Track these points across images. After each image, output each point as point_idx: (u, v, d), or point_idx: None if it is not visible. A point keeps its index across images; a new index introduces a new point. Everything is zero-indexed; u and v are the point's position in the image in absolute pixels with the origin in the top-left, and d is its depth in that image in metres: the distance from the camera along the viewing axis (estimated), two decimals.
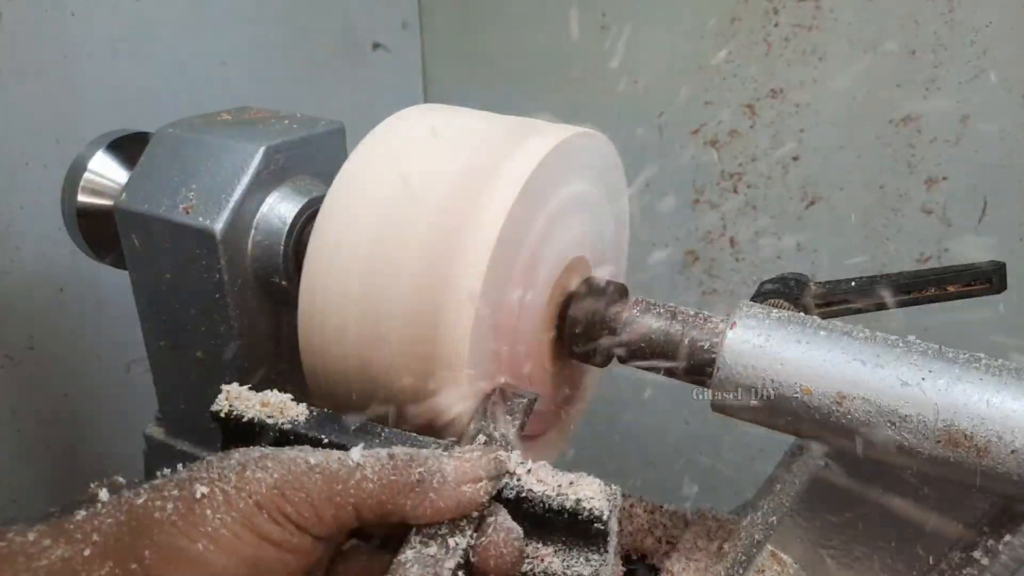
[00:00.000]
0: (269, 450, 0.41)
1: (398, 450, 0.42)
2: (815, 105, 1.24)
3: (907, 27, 1.15)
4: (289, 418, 0.49)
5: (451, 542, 0.41)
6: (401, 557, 0.40)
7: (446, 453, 0.43)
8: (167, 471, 0.41)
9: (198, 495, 0.38)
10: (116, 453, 0.87)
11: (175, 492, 0.38)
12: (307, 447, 0.42)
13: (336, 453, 0.41)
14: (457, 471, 0.42)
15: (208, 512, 0.37)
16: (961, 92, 1.15)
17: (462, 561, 0.41)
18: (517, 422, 0.50)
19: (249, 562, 0.37)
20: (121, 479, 0.69)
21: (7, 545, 0.36)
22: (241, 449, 0.41)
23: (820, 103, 1.24)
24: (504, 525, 0.42)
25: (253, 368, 0.65)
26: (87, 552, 0.36)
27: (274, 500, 0.38)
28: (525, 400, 0.52)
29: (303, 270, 0.53)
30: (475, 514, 0.42)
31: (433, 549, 0.40)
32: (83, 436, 1.03)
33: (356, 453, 0.41)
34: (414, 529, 0.41)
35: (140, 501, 0.38)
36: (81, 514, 0.38)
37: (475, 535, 0.42)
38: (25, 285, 0.93)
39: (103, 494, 0.40)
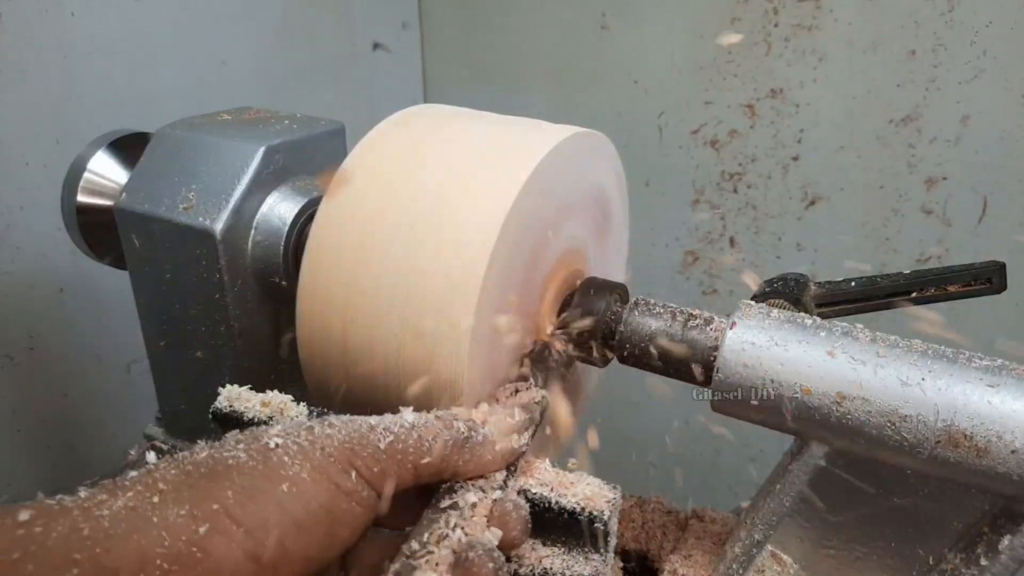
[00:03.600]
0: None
1: (440, 412, 0.44)
2: (815, 105, 1.24)
3: (907, 27, 1.15)
4: (289, 418, 0.49)
5: (484, 494, 0.43)
6: (441, 506, 0.42)
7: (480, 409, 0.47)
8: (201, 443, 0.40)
9: (272, 445, 0.38)
10: (116, 453, 0.87)
11: (242, 446, 0.38)
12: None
13: (389, 416, 0.43)
14: (496, 426, 0.45)
15: (286, 459, 0.38)
16: (961, 92, 1.15)
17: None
18: (554, 375, 0.53)
19: (326, 508, 0.38)
20: (162, 444, 0.70)
21: (57, 503, 0.35)
22: None
23: (820, 103, 1.24)
24: (511, 496, 0.44)
25: (253, 368, 0.65)
26: (155, 499, 0.35)
27: (345, 454, 0.39)
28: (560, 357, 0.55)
29: (300, 269, 0.53)
30: (510, 467, 0.45)
31: (472, 497, 0.42)
32: (83, 436, 1.03)
33: (408, 415, 0.43)
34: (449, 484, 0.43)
35: (203, 456, 0.38)
36: (132, 473, 0.37)
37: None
38: (25, 285, 0.93)
39: (151, 456, 0.40)
